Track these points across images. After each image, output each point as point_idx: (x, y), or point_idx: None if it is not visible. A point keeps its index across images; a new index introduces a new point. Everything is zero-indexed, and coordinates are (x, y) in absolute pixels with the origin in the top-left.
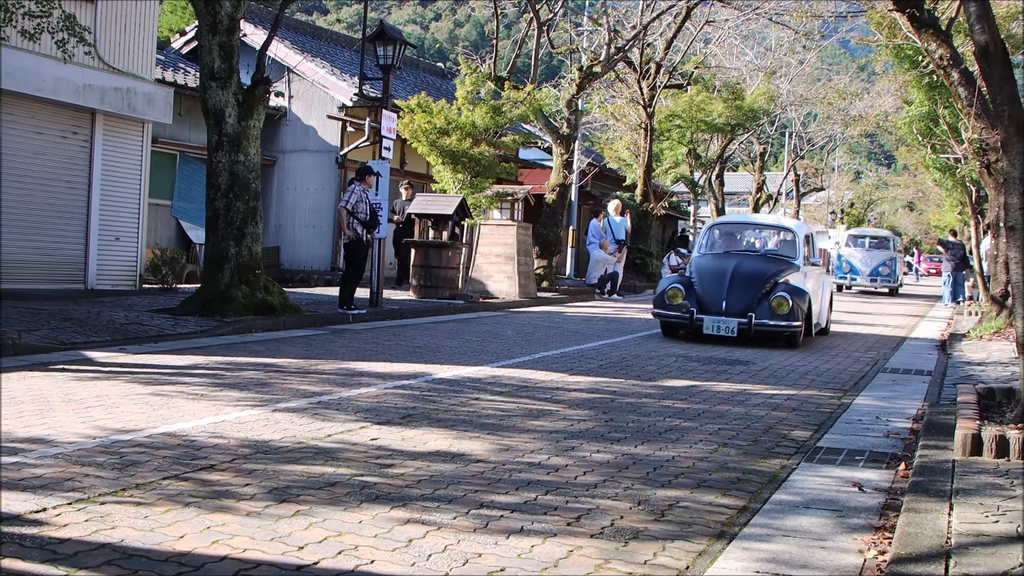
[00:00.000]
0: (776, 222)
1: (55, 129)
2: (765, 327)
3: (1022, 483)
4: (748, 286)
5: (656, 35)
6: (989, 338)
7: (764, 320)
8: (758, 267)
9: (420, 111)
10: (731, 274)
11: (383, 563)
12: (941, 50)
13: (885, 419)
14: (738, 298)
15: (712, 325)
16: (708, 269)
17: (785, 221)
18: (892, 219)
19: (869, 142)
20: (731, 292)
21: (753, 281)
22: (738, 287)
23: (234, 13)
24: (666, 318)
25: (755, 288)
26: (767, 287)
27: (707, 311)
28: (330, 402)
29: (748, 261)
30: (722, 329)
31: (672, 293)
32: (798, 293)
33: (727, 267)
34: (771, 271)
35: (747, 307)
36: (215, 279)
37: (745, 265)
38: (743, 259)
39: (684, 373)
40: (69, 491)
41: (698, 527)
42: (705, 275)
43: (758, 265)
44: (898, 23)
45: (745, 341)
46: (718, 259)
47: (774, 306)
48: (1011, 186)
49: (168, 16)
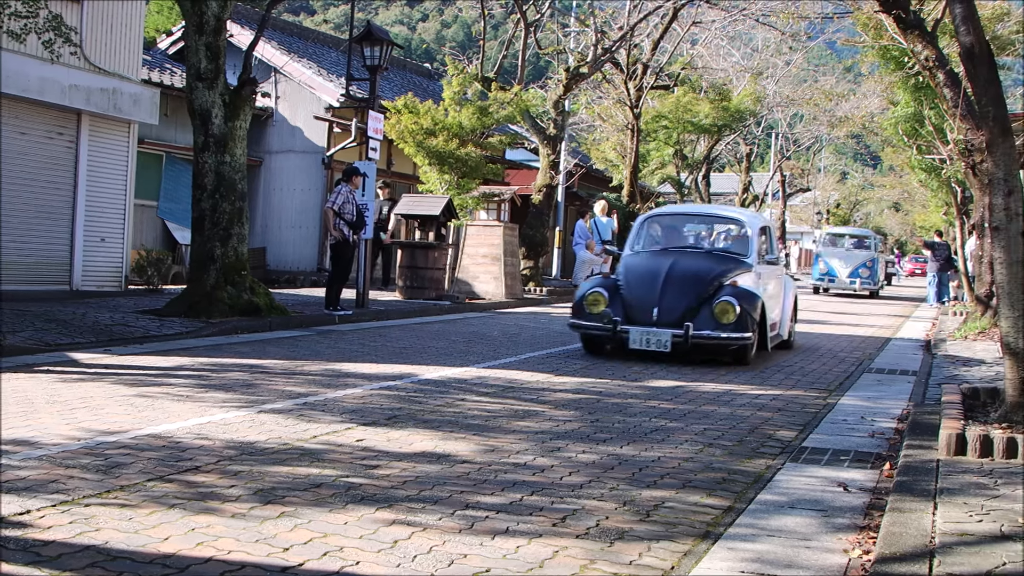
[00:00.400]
0: (724, 213)
1: (40, 129)
2: (706, 339)
3: (1007, 482)
4: (686, 289)
5: (643, 36)
6: (974, 338)
7: (705, 331)
8: (700, 266)
9: (407, 112)
10: (665, 275)
11: (368, 564)
12: (927, 51)
13: (870, 419)
14: (673, 304)
15: (640, 338)
16: (638, 269)
17: (736, 212)
18: (878, 220)
19: (855, 143)
20: (665, 297)
21: (692, 283)
22: (674, 291)
23: (221, 13)
24: (585, 330)
25: (695, 292)
26: (710, 290)
27: (635, 320)
28: (316, 403)
29: (688, 259)
30: (652, 343)
31: (592, 299)
32: (748, 297)
33: (661, 267)
34: (716, 271)
35: (684, 315)
36: (201, 280)
37: (683, 264)
38: (682, 257)
39: (670, 374)
40: (53, 493)
41: (683, 527)
42: (634, 277)
43: (700, 264)
44: (884, 24)
45: (681, 358)
46: (652, 257)
47: (717, 313)
48: (996, 187)
49: (154, 16)
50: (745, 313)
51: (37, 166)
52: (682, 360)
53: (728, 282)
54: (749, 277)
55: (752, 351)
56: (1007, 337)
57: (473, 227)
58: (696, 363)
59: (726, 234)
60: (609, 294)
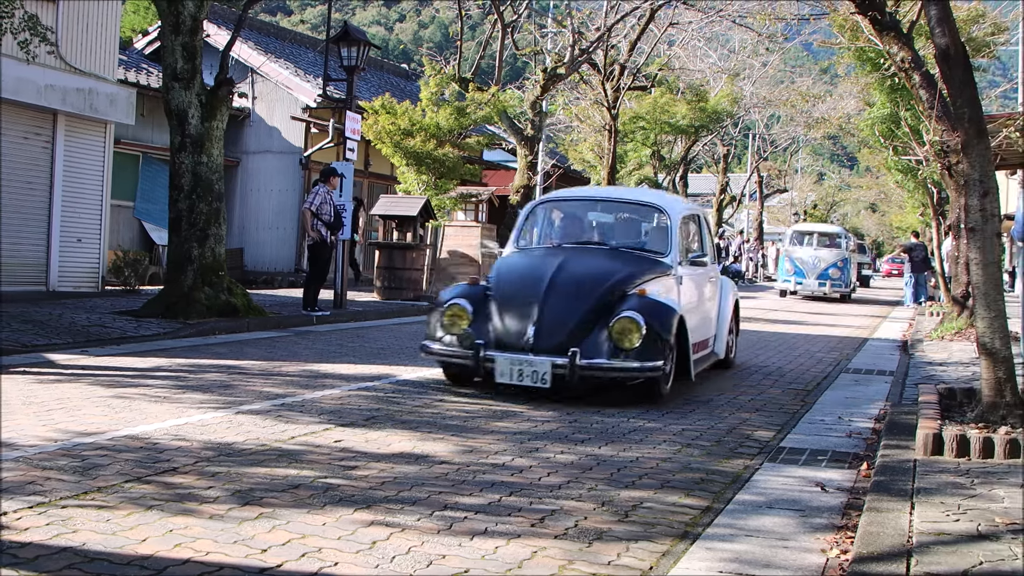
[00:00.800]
0: (637, 197)
1: (16, 130)
2: (599, 370)
3: (983, 482)
4: (575, 301)
5: (620, 37)
6: (950, 338)
7: (598, 358)
8: (597, 269)
9: (384, 112)
10: (549, 282)
11: (347, 565)
12: (903, 53)
13: (847, 419)
14: (557, 321)
15: (509, 369)
16: (514, 273)
17: (653, 196)
18: (855, 220)
19: (832, 144)
20: (546, 312)
21: (585, 292)
22: (559, 303)
23: (197, 13)
24: (438, 357)
25: (587, 304)
26: (609, 302)
27: (506, 344)
28: (294, 404)
29: (583, 259)
30: (526, 375)
31: (452, 314)
32: (659, 312)
33: (544, 270)
34: (618, 275)
35: (571, 337)
36: (178, 281)
37: (575, 266)
38: (576, 256)
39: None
40: (30, 495)
41: (662, 527)
42: (508, 284)
43: (598, 266)
44: (860, 26)
45: (566, 393)
46: (535, 257)
47: (616, 334)
48: (971, 188)
49: (130, 16)
50: (654, 333)
51: (13, 167)
52: (575, 396)
53: (634, 290)
54: (664, 283)
55: (666, 383)
56: (983, 337)
57: (451, 228)
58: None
59: (640, 226)
60: (474, 307)
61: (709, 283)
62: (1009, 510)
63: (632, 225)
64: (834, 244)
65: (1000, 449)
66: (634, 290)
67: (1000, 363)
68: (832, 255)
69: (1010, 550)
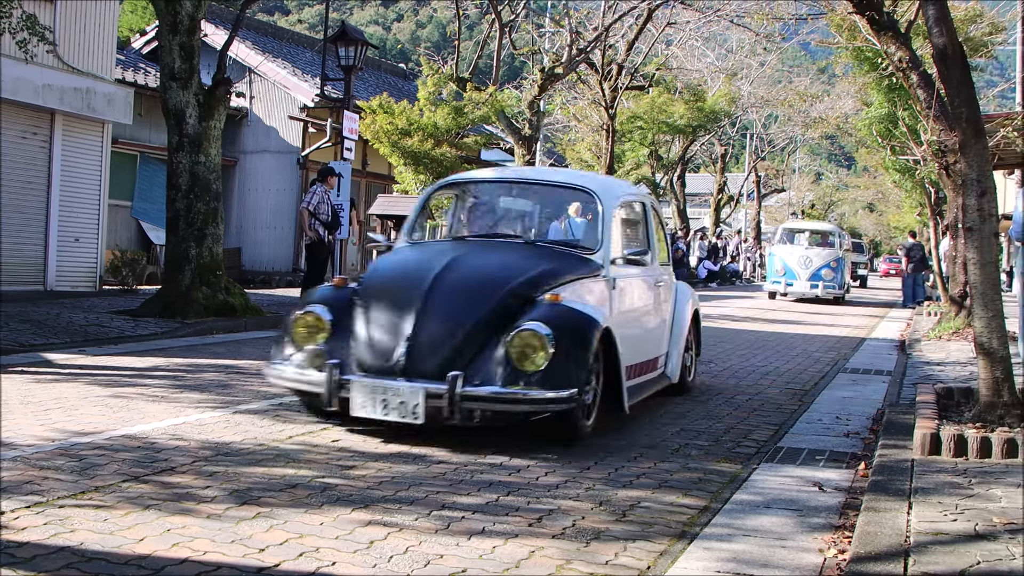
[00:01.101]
0: (565, 179)
1: (14, 129)
2: (489, 400)
3: (981, 482)
4: (465, 309)
5: (618, 37)
6: (948, 338)
7: (489, 385)
8: (499, 267)
9: (382, 112)
10: (432, 283)
11: (344, 565)
12: (900, 52)
13: (845, 419)
14: (439, 335)
15: (370, 399)
16: (392, 273)
17: (583, 178)
18: (852, 220)
19: (829, 144)
20: (425, 322)
21: (479, 297)
22: (443, 311)
23: (195, 13)
24: (282, 381)
25: (480, 312)
26: (511, 309)
27: (370, 364)
28: (291, 404)
29: (483, 255)
30: (392, 407)
31: (305, 324)
32: (575, 323)
33: (429, 268)
34: (527, 275)
35: (457, 356)
36: (176, 281)
37: (472, 263)
38: (475, 251)
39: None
40: (28, 494)
41: (659, 527)
42: (381, 285)
43: (501, 263)
44: (858, 26)
45: (442, 433)
46: (425, 253)
47: (514, 352)
48: (969, 187)
49: (128, 16)
50: (567, 351)
51: (10, 166)
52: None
53: (544, 295)
54: (589, 286)
55: (587, 418)
56: (981, 337)
57: None
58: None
59: (567, 215)
60: (336, 315)
61: (657, 287)
62: (1007, 510)
63: (557, 214)
64: (827, 243)
65: (998, 449)
66: (545, 295)
67: (998, 363)
68: (825, 254)
69: (1008, 550)
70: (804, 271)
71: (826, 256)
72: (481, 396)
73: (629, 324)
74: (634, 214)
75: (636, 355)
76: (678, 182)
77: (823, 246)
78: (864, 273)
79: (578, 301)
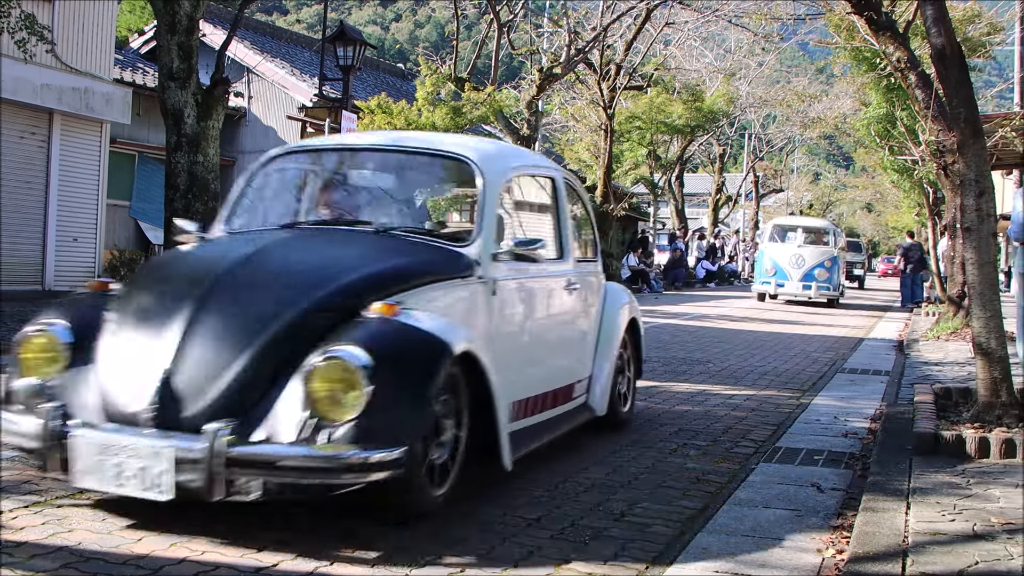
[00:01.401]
0: (434, 145)
1: (12, 129)
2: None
3: (979, 482)
4: (250, 328)
5: (616, 37)
6: (946, 338)
7: (273, 442)
8: (310, 266)
9: (380, 112)
10: (208, 291)
11: (343, 564)
12: (898, 53)
13: (843, 419)
14: (208, 367)
15: (97, 464)
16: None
17: (460, 144)
18: (851, 220)
19: (828, 144)
20: (191, 348)
21: (270, 311)
22: (218, 331)
23: (193, 13)
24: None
25: (271, 333)
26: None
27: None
28: None
29: (297, 248)
30: (128, 477)
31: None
32: (407, 346)
33: (210, 269)
34: (348, 277)
35: (227, 399)
36: None
37: (273, 260)
38: (289, 243)
39: (643, 373)
40: (26, 494)
41: (657, 527)
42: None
43: (317, 260)
44: (856, 26)
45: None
46: (217, 246)
47: (316, 391)
48: (967, 188)
49: (126, 16)
50: (394, 391)
51: (9, 166)
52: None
53: (372, 307)
54: (448, 292)
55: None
56: (979, 337)
57: None
58: None
59: (432, 193)
60: (79, 337)
61: (571, 291)
62: (1005, 510)
63: (419, 192)
64: (821, 240)
65: (996, 449)
66: (373, 306)
67: (996, 363)
68: (818, 253)
69: (1006, 550)
70: (796, 271)
71: (820, 255)
72: (258, 459)
73: (519, 343)
74: (537, 194)
75: (534, 384)
76: (676, 182)
77: (816, 244)
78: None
79: (425, 314)
